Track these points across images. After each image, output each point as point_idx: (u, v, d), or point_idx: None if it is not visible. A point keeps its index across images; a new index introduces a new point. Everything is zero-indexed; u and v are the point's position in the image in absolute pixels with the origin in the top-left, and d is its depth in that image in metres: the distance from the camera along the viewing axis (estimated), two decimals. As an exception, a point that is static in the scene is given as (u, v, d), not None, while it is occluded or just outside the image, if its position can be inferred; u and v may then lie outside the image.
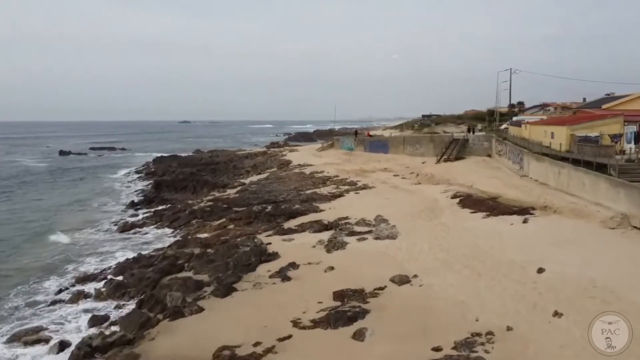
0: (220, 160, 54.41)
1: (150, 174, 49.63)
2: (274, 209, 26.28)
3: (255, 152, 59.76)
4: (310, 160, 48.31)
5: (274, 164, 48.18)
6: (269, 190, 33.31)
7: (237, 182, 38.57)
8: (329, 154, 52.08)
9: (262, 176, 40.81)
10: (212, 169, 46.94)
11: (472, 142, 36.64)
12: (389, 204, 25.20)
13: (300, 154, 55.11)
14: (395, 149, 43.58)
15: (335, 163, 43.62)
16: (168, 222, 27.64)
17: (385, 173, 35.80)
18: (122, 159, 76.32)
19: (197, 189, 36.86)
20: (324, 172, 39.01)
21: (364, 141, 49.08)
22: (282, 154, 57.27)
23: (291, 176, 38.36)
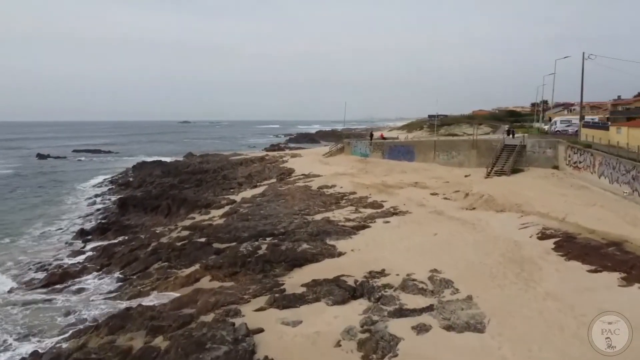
0: (209, 168, 46.04)
1: (124, 185, 41.25)
2: (271, 251, 17.91)
3: (251, 158, 51.36)
4: (317, 168, 39.94)
5: (272, 174, 39.81)
6: (265, 214, 24.93)
7: (225, 200, 30.15)
8: (338, 160, 43.72)
9: (258, 191, 32.40)
10: (198, 180, 38.55)
11: (530, 149, 28.18)
12: (440, 246, 16.83)
13: (303, 161, 46.78)
14: (423, 156, 35.16)
15: (348, 174, 35.21)
16: (119, 267, 19.32)
17: (418, 189, 27.39)
18: (102, 163, 68.01)
19: (173, 210, 28.46)
20: (336, 186, 30.63)
21: (382, 146, 40.67)
22: (282, 159, 48.91)
23: (294, 192, 29.95)
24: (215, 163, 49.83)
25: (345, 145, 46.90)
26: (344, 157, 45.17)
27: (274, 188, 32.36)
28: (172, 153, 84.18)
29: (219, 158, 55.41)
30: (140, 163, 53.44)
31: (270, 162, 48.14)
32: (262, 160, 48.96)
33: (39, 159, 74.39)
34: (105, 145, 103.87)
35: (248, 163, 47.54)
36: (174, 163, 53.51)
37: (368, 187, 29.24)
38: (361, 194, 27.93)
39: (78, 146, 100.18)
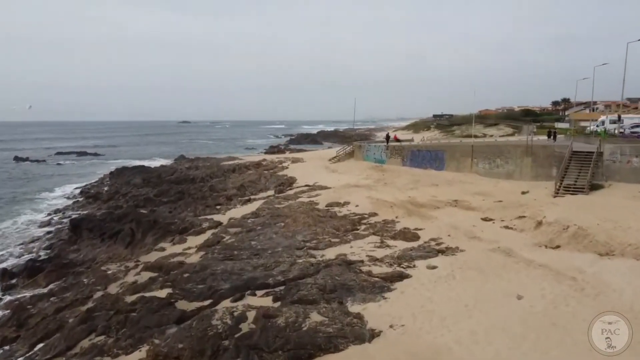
0: (196, 176, 39.30)
1: (93, 197, 34.49)
2: (261, 329, 11.17)
3: (245, 163, 44.57)
4: (323, 177, 33.26)
5: (269, 184, 33.10)
6: (258, 246, 18.24)
7: (207, 222, 23.43)
8: (348, 167, 37.03)
9: (250, 208, 25.69)
10: (179, 193, 31.78)
11: (609, 158, 21.45)
12: (542, 328, 10.08)
13: (307, 167, 40.10)
14: (456, 163, 28.48)
15: (363, 185, 28.50)
16: (28, 344, 12.64)
17: (462, 211, 20.63)
18: (82, 168, 61.30)
19: (137, 237, 21.70)
20: (350, 203, 23.92)
21: (402, 151, 33.91)
22: (281, 165, 42.20)
23: (296, 211, 23.19)
24: (204, 169, 43.10)
25: (356, 149, 40.19)
26: (354, 163, 38.47)
27: (270, 205, 25.61)
28: (164, 155, 77.75)
29: (210, 163, 48.68)
30: (119, 169, 46.66)
31: (267, 168, 41.42)
32: (258, 167, 42.21)
33: (15, 162, 68.05)
34: (94, 147, 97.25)
35: (242, 170, 40.78)
36: (159, 169, 46.74)
37: (392, 205, 22.49)
38: (384, 215, 21.20)
39: (66, 148, 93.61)
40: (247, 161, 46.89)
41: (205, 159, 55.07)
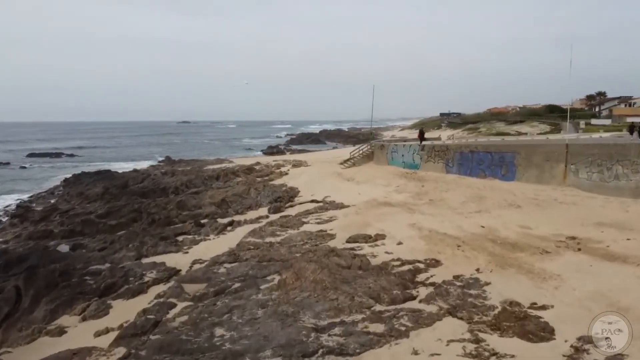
0: (168, 185, 30.15)
1: (20, 216, 25.25)
2: None
3: (235, 168, 35.22)
4: (336, 188, 24.18)
5: (262, 199, 23.90)
6: (226, 346, 9.09)
7: (155, 270, 14.27)
8: (368, 173, 27.79)
9: (229, 241, 16.54)
10: (134, 212, 22.59)
11: None
12: None
13: (312, 173, 30.92)
14: (536, 171, 19.26)
15: (397, 203, 19.26)
16: None
17: (594, 260, 11.38)
18: (46, 171, 52.13)
19: (23, 303, 12.55)
20: (385, 235, 14.81)
21: (446, 153, 24.54)
22: (279, 170, 33.01)
23: (300, 251, 14.00)
24: (181, 176, 33.89)
25: (376, 150, 30.96)
26: (375, 169, 29.27)
27: (259, 237, 16.41)
28: (149, 157, 68.69)
29: (192, 167, 39.50)
30: (77, 175, 37.51)
31: (261, 174, 32.22)
32: (249, 172, 32.98)
33: (-24, 166, 59.15)
34: (76, 149, 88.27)
35: (228, 177, 31.53)
36: (127, 175, 37.55)
37: (460, 244, 13.33)
38: (454, 265, 12.02)
39: (44, 149, 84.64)
40: (238, 165, 37.64)
41: (189, 162, 45.96)
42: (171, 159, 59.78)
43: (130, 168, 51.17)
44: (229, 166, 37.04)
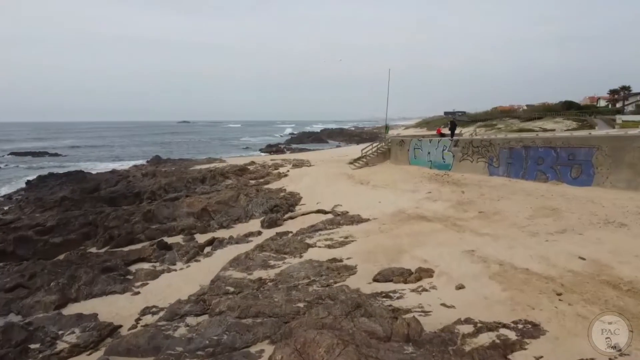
0: (144, 189, 25.01)
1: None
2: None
3: (223, 169, 29.90)
4: (348, 193, 19.08)
5: (254, 207, 18.75)
6: None
7: (76, 333, 9.11)
8: (386, 175, 22.59)
9: (202, 273, 11.45)
10: (87, 225, 17.45)
11: None
12: None
13: (316, 173, 25.77)
14: (626, 173, 14.23)
15: (434, 216, 14.18)
16: None
17: None
18: (19, 171, 46.81)
19: None
20: (432, 269, 9.71)
21: (488, 149, 19.21)
22: (278, 171, 27.85)
23: (306, 298, 8.89)
24: (161, 177, 28.74)
25: (394, 147, 25.73)
26: (393, 169, 24.08)
27: (244, 270, 11.29)
28: (137, 156, 63.54)
29: (177, 167, 34.37)
30: (43, 177, 32.41)
31: (256, 176, 27.08)
32: (242, 173, 27.82)
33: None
34: (62, 148, 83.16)
35: (216, 179, 26.34)
36: (101, 177, 32.40)
37: (561, 291, 8.22)
38: (568, 336, 6.87)
39: (29, 148, 79.66)
40: (229, 165, 32.46)
41: (176, 162, 40.89)
42: (160, 158, 55.11)
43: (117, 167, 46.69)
44: (219, 166, 31.85)
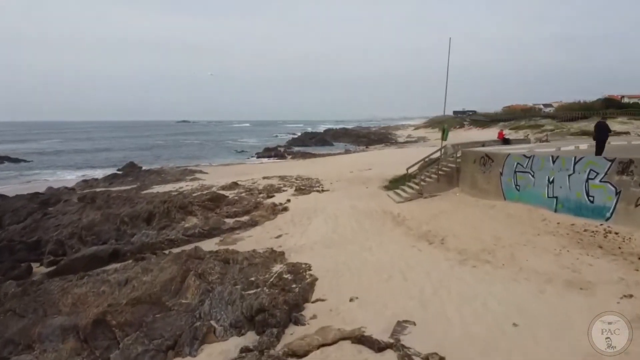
0: (51, 235, 14.89)
1: None
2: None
3: (191, 194, 19.43)
4: (408, 272, 8.90)
5: (216, 311, 8.53)
6: None
7: None
8: (460, 222, 12.40)
9: None
10: None
11: None
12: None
13: (334, 208, 15.63)
14: None
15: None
16: None
17: None
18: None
19: None
20: None
21: None
22: (271, 203, 17.64)
23: None
24: (91, 212, 18.47)
25: (469, 166, 15.01)
26: (469, 205, 13.75)
27: None
28: (113, 162, 53.39)
29: (132, 187, 24.11)
30: None
31: (237, 210, 16.87)
32: (216, 205, 17.53)
33: None
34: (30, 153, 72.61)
35: (171, 216, 16.15)
36: (17, 201, 22.12)
37: None
38: None
39: (2, 151, 69.64)
40: (201, 186, 22.14)
41: (140, 176, 30.67)
42: (134, 165, 45.56)
43: (75, 179, 37.46)
44: (186, 188, 21.59)
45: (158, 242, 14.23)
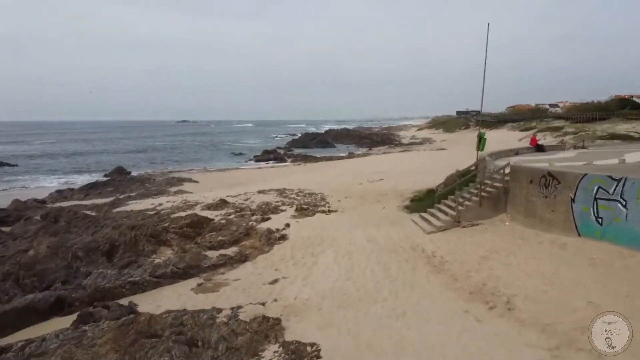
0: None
1: None
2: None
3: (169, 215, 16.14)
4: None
5: None
6: None
7: None
8: (523, 267, 9.06)
9: None
10: None
11: None
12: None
13: (345, 238, 12.26)
14: None
15: None
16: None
17: None
18: None
19: None
20: None
21: None
22: (265, 230, 14.27)
23: None
24: (63, 228, 15.08)
25: (521, 187, 11.10)
26: (525, 241, 10.34)
27: None
28: (100, 168, 49.84)
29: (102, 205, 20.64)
30: None
31: (222, 238, 13.50)
32: (197, 232, 14.17)
33: None
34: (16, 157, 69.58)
35: (139, 246, 12.79)
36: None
37: None
38: None
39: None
40: (184, 202, 18.71)
41: (121, 186, 27.24)
42: (123, 170, 42.85)
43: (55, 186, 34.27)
44: (166, 206, 18.19)
45: (117, 287, 10.86)
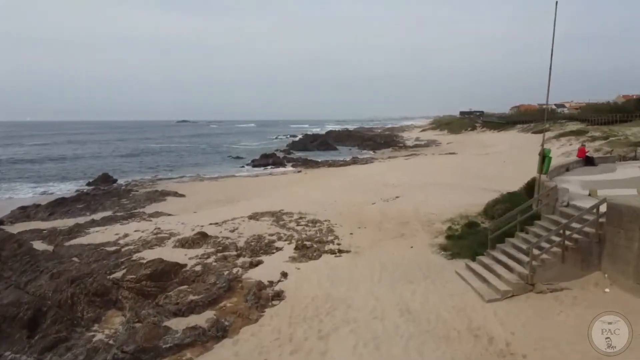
0: None
1: None
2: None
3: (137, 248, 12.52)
4: None
5: None
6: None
7: None
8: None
9: None
10: None
11: None
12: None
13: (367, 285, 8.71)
14: None
15: None
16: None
17: None
18: None
19: None
20: None
21: None
22: (257, 281, 10.66)
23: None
24: None
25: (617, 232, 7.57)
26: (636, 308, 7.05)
27: None
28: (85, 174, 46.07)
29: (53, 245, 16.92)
30: None
31: (201, 285, 9.95)
32: (164, 284, 10.61)
33: None
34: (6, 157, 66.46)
35: (80, 315, 9.25)
36: None
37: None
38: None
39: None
40: (156, 232, 15.04)
41: (93, 202, 23.56)
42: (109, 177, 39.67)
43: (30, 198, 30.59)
44: (132, 239, 14.44)
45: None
